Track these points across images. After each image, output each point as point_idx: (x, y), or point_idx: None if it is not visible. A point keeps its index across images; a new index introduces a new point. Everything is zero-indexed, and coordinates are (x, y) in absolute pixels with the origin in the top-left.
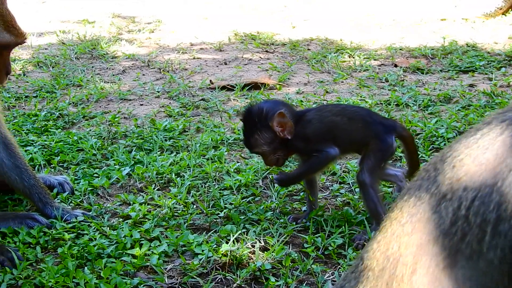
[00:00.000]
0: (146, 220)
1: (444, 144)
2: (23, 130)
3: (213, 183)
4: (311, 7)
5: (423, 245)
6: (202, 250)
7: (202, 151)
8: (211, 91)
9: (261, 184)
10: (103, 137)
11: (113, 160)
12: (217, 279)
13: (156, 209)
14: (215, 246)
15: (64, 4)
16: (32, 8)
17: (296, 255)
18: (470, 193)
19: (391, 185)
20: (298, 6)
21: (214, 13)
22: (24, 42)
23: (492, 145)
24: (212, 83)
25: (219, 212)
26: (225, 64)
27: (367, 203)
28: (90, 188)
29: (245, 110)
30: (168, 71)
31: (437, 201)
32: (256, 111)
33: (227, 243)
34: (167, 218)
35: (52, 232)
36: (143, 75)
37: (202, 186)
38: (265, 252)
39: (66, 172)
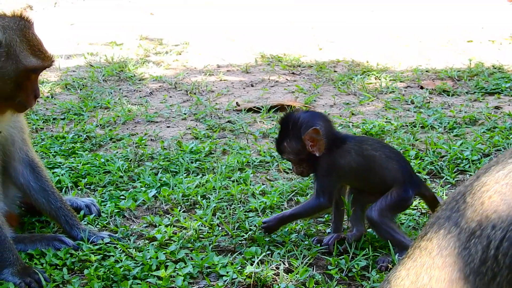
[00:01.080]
0: (172, 242)
1: (469, 166)
2: (51, 152)
3: (238, 205)
4: (338, 28)
5: (455, 281)
6: (227, 272)
7: (227, 173)
8: (237, 113)
9: (286, 206)
10: (129, 159)
11: (140, 182)
12: None
13: (181, 231)
14: (239, 267)
15: (92, 26)
16: (60, 30)
17: (320, 277)
18: (499, 233)
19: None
20: (325, 27)
21: (241, 34)
22: (51, 65)
23: None
24: (239, 105)
25: (244, 234)
26: (252, 86)
27: (382, 237)
28: (117, 210)
29: (285, 115)
30: (194, 93)
31: (466, 237)
32: (294, 119)
33: (251, 264)
34: (192, 240)
35: (78, 253)
36: (170, 97)
37: (227, 208)
38: (289, 274)
39: (93, 194)
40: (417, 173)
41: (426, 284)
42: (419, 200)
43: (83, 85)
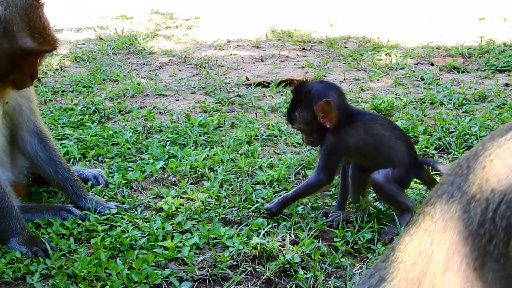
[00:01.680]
0: (179, 213)
1: (477, 142)
2: (59, 124)
3: (246, 178)
4: (349, 4)
5: (454, 244)
6: (233, 243)
7: (236, 146)
8: (247, 88)
9: (293, 179)
10: (138, 132)
11: (148, 154)
12: (247, 271)
13: (188, 202)
14: (245, 239)
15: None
16: (70, 3)
17: (325, 249)
18: (497, 196)
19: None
20: (336, 4)
21: (252, 9)
22: (51, 50)
23: None
24: (248, 80)
25: (251, 206)
26: (262, 61)
27: (386, 199)
28: (124, 182)
29: (298, 84)
30: (204, 67)
31: (467, 200)
32: (307, 89)
33: (257, 236)
34: (199, 212)
35: (85, 223)
36: (180, 71)
37: (234, 180)
38: (295, 245)
39: (101, 165)
40: (425, 149)
41: (428, 248)
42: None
43: (93, 58)
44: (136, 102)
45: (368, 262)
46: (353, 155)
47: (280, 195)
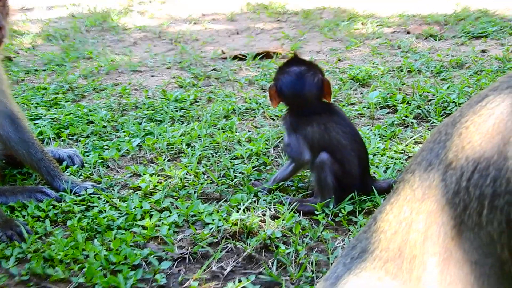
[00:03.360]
0: (156, 191)
1: (456, 109)
2: (32, 104)
3: (224, 153)
4: None
5: (433, 212)
6: (213, 220)
7: (213, 121)
8: (223, 61)
9: (272, 152)
10: (113, 109)
11: (123, 132)
12: (228, 248)
13: (166, 179)
14: (225, 215)
15: None
16: None
17: (306, 222)
18: (471, 164)
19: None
20: None
21: None
22: None
23: (492, 115)
24: (224, 53)
25: (230, 181)
26: (237, 34)
27: (315, 180)
28: (100, 161)
29: (294, 57)
30: (179, 42)
31: (444, 168)
32: (284, 65)
33: (237, 212)
34: (177, 189)
35: (61, 205)
36: (154, 46)
37: (213, 156)
38: (276, 220)
39: (76, 145)
40: (404, 118)
41: (408, 217)
42: (406, 143)
43: (65, 36)
44: (111, 79)
45: (350, 234)
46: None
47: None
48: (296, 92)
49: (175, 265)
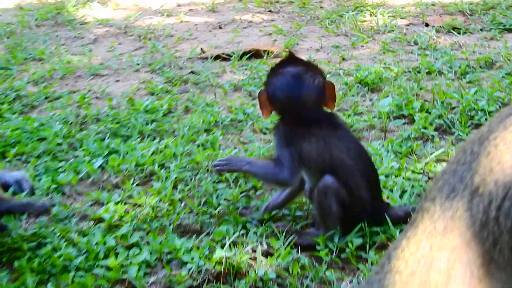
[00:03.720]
0: (123, 223)
1: (486, 119)
2: None
3: (205, 175)
4: None
5: (456, 248)
6: (192, 258)
7: (191, 136)
8: (203, 62)
9: None
10: (70, 122)
11: (82, 150)
12: None
13: (135, 209)
14: (207, 252)
15: None
16: None
17: (306, 260)
18: (501, 190)
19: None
20: None
21: None
22: None
23: None
24: (204, 52)
25: (213, 210)
26: (220, 28)
27: (316, 210)
28: (54, 186)
29: (290, 56)
30: (150, 39)
31: (469, 195)
32: (280, 66)
33: (222, 248)
34: (148, 220)
35: (7, 241)
36: (119, 44)
37: (191, 179)
38: (269, 257)
39: (25, 166)
40: (423, 130)
41: (427, 254)
42: (426, 161)
43: (11, 33)
44: (67, 85)
45: (359, 274)
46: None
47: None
48: (291, 98)
49: None
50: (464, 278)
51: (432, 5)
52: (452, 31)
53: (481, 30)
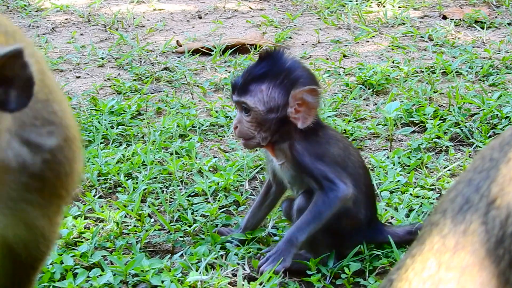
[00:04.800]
0: (83, 240)
1: None
2: None
3: (179, 187)
4: None
5: (468, 268)
6: (162, 281)
7: (164, 142)
8: (178, 57)
9: (247, 187)
10: None
11: None
12: None
13: (97, 224)
14: (180, 275)
15: None
16: None
17: (295, 286)
18: None
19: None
20: None
21: None
22: None
23: None
24: (180, 46)
25: (187, 228)
26: (199, 18)
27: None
28: None
29: (276, 52)
30: (117, 29)
31: (485, 206)
32: (290, 63)
33: (197, 270)
34: (112, 237)
35: None
36: (81, 35)
37: (163, 191)
38: (251, 282)
39: None
40: (436, 140)
41: (434, 275)
42: (438, 176)
43: None
44: None
45: None
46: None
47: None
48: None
49: None
50: None
51: None
52: (474, 25)
53: (509, 24)
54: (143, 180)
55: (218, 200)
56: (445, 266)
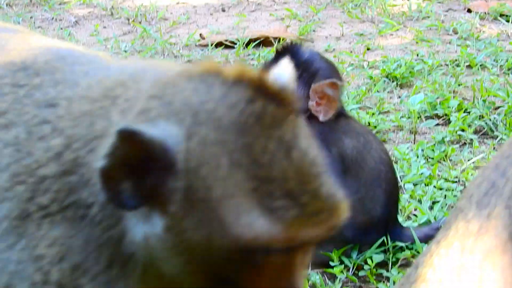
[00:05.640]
0: None
1: None
2: None
3: None
4: None
5: (491, 251)
6: None
7: None
8: (202, 50)
9: None
10: None
11: None
12: None
13: None
14: None
15: None
16: None
17: (317, 277)
18: None
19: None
20: None
21: None
22: None
23: None
24: (204, 38)
25: None
26: (223, 11)
27: None
28: None
29: (294, 45)
30: (140, 22)
31: (510, 191)
32: (308, 55)
33: None
34: None
35: None
36: (104, 28)
37: None
38: None
39: None
40: (460, 132)
41: (458, 258)
42: (462, 168)
43: None
44: None
45: None
46: None
47: None
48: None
49: None
50: (497, 285)
51: None
52: (499, 18)
53: None
54: None
55: None
56: (469, 249)
